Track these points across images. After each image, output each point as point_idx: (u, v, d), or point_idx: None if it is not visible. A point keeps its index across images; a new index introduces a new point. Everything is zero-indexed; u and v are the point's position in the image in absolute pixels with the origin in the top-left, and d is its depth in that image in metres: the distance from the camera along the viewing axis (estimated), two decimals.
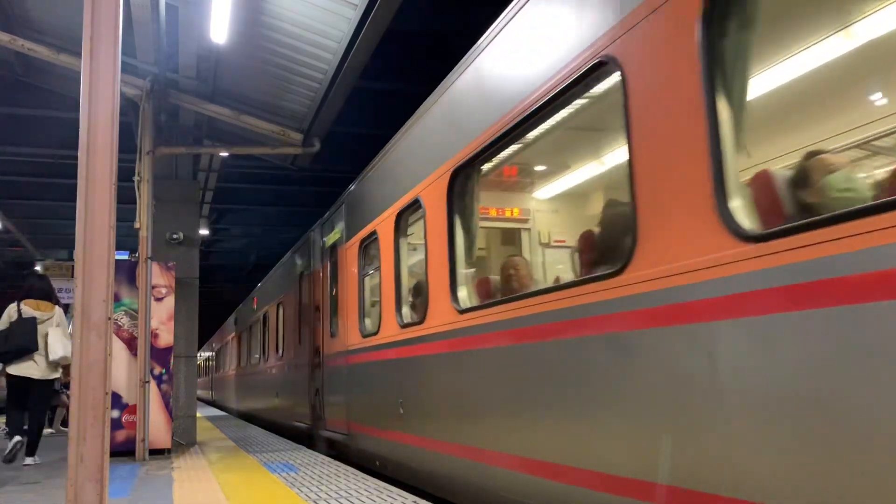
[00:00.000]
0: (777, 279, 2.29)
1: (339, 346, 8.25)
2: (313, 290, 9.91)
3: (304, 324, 10.53)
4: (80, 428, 3.33)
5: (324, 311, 9.16)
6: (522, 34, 4.21)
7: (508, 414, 4.24)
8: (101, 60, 3.55)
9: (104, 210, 3.48)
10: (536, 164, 6.94)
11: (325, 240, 9.32)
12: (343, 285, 8.22)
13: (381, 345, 6.65)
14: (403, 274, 6.34)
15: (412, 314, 6.16)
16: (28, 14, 8.27)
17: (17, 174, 14.87)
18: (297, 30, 7.42)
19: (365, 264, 7.55)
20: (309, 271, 10.33)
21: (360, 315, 7.48)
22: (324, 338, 9.07)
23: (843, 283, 2.06)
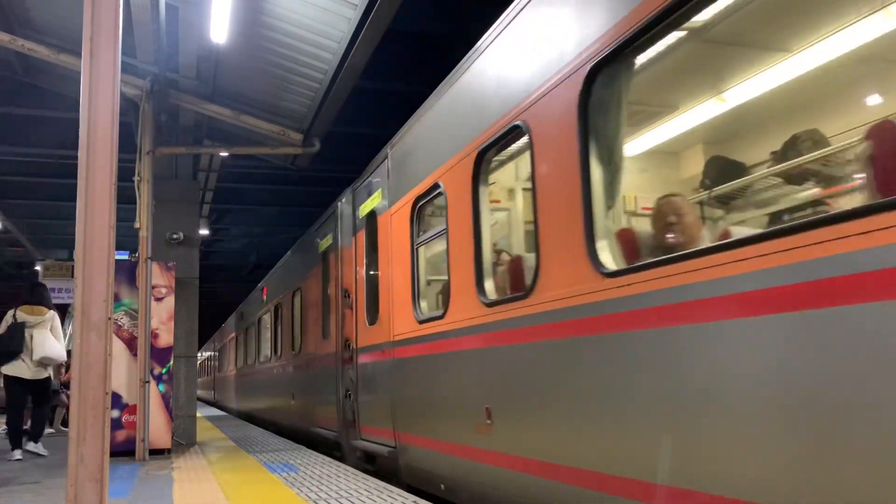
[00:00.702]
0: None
1: (379, 337, 6.75)
2: (341, 272, 8.35)
3: (328, 313, 8.92)
4: (80, 428, 3.33)
5: (357, 296, 7.64)
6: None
7: (695, 429, 2.80)
8: (101, 60, 3.55)
9: (104, 210, 3.48)
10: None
11: (360, 209, 7.72)
12: (386, 261, 6.63)
13: (450, 332, 5.13)
14: (486, 234, 4.75)
15: (506, 287, 4.74)
16: (28, 14, 8.27)
17: (17, 174, 14.87)
18: (297, 30, 7.42)
19: (420, 230, 5.97)
20: (335, 250, 8.70)
21: (414, 296, 5.88)
22: (357, 328, 7.55)
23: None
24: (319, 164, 10.91)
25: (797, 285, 2.39)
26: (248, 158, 12.58)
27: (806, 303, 2.36)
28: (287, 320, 12.14)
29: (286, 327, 12.23)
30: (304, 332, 10.58)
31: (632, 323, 3.17)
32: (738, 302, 2.62)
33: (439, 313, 5.35)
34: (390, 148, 6.80)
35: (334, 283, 8.56)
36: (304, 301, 10.77)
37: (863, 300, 2.18)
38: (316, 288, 9.83)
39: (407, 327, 6.03)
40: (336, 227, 8.75)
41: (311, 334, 10.10)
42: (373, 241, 7.23)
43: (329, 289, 8.93)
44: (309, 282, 10.42)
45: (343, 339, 8.08)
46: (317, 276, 9.78)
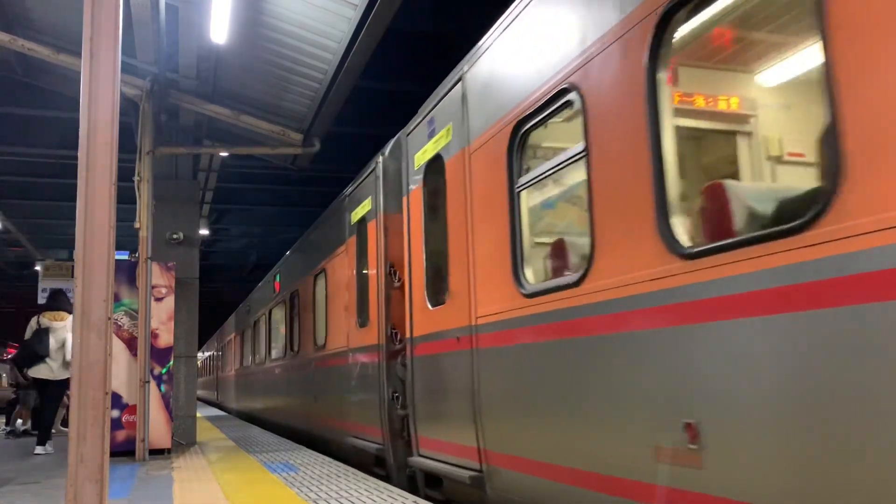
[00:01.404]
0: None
1: (449, 321, 5.12)
2: (384, 245, 6.72)
3: (365, 297, 7.32)
4: (80, 428, 3.33)
5: (412, 272, 5.92)
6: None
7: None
8: (101, 60, 3.55)
9: (104, 210, 3.48)
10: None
11: (414, 159, 6.06)
12: (461, 220, 4.97)
13: (596, 305, 3.47)
14: (671, 144, 3.09)
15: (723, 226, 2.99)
16: (28, 14, 8.28)
17: (17, 174, 14.88)
18: (297, 30, 7.42)
19: (523, 167, 4.31)
20: (376, 218, 6.99)
21: (516, 260, 4.24)
22: (412, 312, 5.88)
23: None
24: (319, 164, 10.92)
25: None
26: (248, 158, 12.60)
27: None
28: (307, 310, 10.44)
29: (306, 318, 10.48)
30: (331, 323, 8.87)
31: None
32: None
33: (571, 279, 3.64)
34: (467, 66, 5.08)
35: (375, 259, 6.91)
36: (329, 286, 9.06)
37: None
38: (346, 268, 8.12)
39: (501, 304, 4.35)
40: (376, 190, 6.98)
41: (339, 324, 8.33)
42: (436, 198, 5.62)
43: (366, 267, 7.30)
44: (335, 262, 8.72)
45: (388, 327, 6.57)
46: (347, 255, 8.10)
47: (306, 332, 10.41)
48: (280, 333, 13.08)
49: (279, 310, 13.16)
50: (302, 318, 10.82)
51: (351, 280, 7.89)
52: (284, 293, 12.38)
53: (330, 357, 8.84)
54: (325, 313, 9.22)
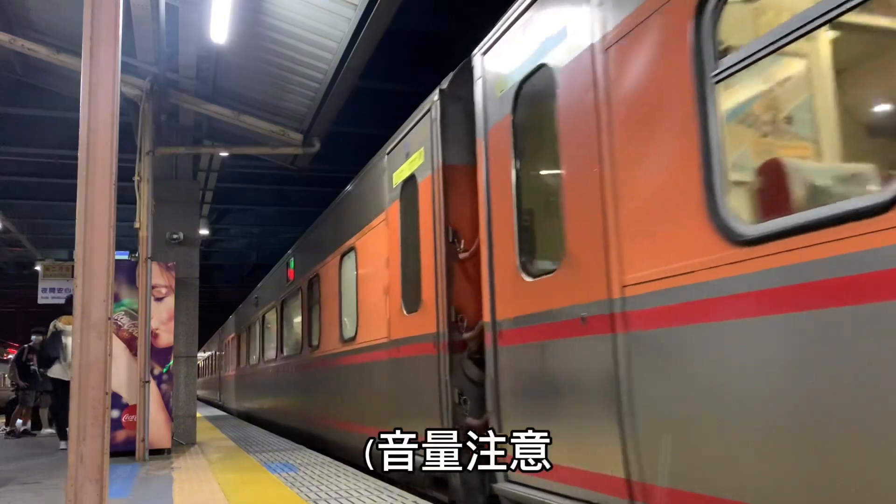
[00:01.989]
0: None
1: (564, 296, 3.71)
2: (443, 207, 5.34)
3: (414, 274, 5.89)
4: (80, 428, 3.33)
5: (493, 233, 4.56)
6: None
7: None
8: (101, 60, 3.55)
9: (104, 210, 3.48)
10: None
11: (498, 82, 4.58)
12: (591, 140, 3.50)
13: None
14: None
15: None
16: (28, 14, 8.28)
17: (17, 174, 14.88)
18: (297, 30, 7.42)
19: (719, 46, 2.80)
20: (433, 174, 5.54)
21: (713, 185, 2.75)
22: (492, 287, 4.53)
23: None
24: (319, 164, 10.91)
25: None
26: (248, 158, 12.60)
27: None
28: (330, 298, 8.90)
29: (329, 307, 8.97)
30: (364, 311, 7.41)
31: None
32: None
33: (868, 202, 2.16)
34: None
35: (430, 225, 5.54)
36: (360, 266, 7.62)
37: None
38: (385, 243, 6.67)
39: (678, 261, 2.89)
40: (432, 137, 5.53)
41: (376, 312, 6.90)
42: (532, 130, 4.39)
43: (416, 237, 5.86)
44: (370, 237, 7.23)
45: (451, 311, 5.19)
46: (387, 226, 6.63)
47: (329, 324, 8.90)
48: (294, 327, 11.84)
49: (294, 300, 11.69)
50: (324, 307, 9.27)
51: (393, 256, 6.38)
52: (300, 281, 10.91)
53: (363, 352, 7.32)
54: (355, 300, 7.66)
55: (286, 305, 12.48)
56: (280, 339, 12.87)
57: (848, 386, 2.24)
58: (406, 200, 6.19)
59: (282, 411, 12.64)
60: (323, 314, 9.33)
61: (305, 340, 10.42)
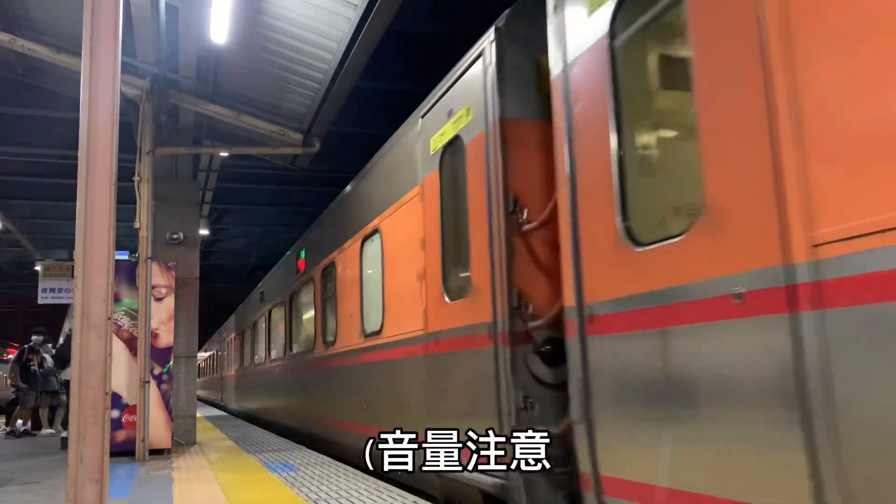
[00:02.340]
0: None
1: (709, 266, 2.75)
2: (502, 166, 4.43)
3: (460, 253, 5.09)
4: (80, 428, 3.33)
5: (579, 194, 3.64)
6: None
7: None
8: (101, 60, 3.55)
9: (104, 210, 3.48)
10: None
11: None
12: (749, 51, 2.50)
13: None
14: None
15: None
16: (28, 14, 8.28)
17: (17, 174, 14.88)
18: (297, 30, 7.43)
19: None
20: (485, 127, 4.63)
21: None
22: (577, 262, 3.65)
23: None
24: (319, 164, 10.92)
25: None
26: (248, 158, 12.60)
27: None
28: (349, 288, 8.00)
29: (347, 299, 8.03)
30: (391, 300, 6.52)
31: None
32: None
33: None
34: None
35: (483, 193, 4.64)
36: (386, 250, 6.70)
37: None
38: (417, 220, 5.78)
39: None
40: (486, 88, 4.61)
41: (408, 301, 5.98)
42: (645, 46, 3.47)
43: (462, 210, 5.06)
44: (398, 216, 6.36)
45: (513, 295, 4.30)
46: (422, 200, 5.70)
47: (348, 318, 7.91)
48: (305, 323, 10.92)
49: (305, 293, 10.73)
50: (342, 299, 8.27)
51: (431, 235, 5.49)
52: (312, 271, 9.96)
53: (391, 347, 6.41)
54: (380, 289, 6.71)
55: (296, 299, 11.42)
56: (289, 335, 11.80)
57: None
58: (448, 168, 5.28)
59: (289, 413, 11.73)
60: (340, 307, 8.29)
61: (319, 336, 9.36)
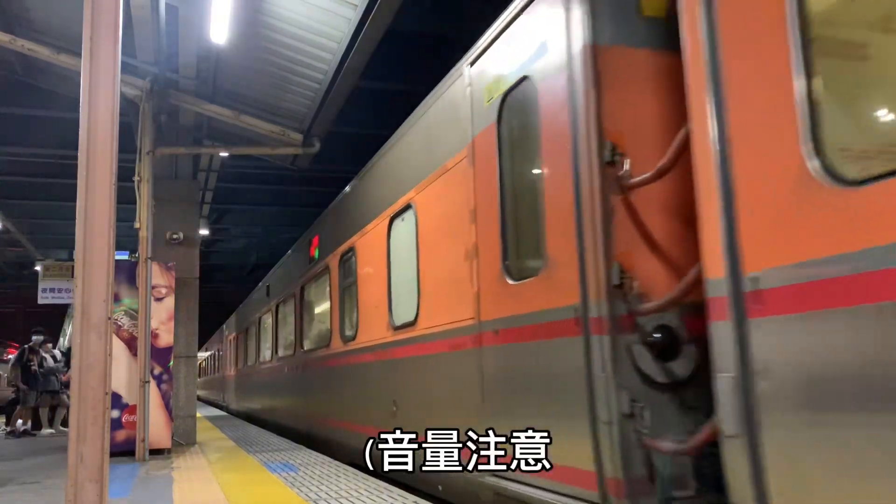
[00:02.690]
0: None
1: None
2: (595, 104, 3.50)
3: (531, 220, 4.19)
4: (80, 428, 3.33)
5: (738, 123, 2.61)
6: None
7: None
8: (101, 60, 3.55)
9: (104, 210, 3.48)
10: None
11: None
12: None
13: None
14: None
15: None
16: (28, 14, 8.28)
17: (17, 174, 14.89)
18: (296, 30, 7.43)
19: None
20: (567, 54, 3.68)
21: None
22: (736, 217, 2.59)
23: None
24: (319, 164, 10.92)
25: None
26: (248, 158, 12.60)
27: None
28: (372, 274, 7.05)
29: (371, 287, 7.06)
30: (428, 286, 5.60)
31: None
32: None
33: None
34: None
35: (565, 143, 3.67)
36: (422, 227, 5.76)
37: None
38: (465, 188, 4.86)
39: None
40: (568, 9, 3.70)
41: (451, 285, 5.10)
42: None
43: (532, 168, 4.21)
44: (438, 186, 5.42)
45: (613, 270, 3.39)
46: (472, 164, 4.77)
47: (372, 308, 6.96)
48: (318, 316, 10.11)
49: (318, 283, 9.80)
50: (364, 288, 7.34)
51: (486, 203, 4.56)
52: (328, 259, 8.92)
53: (429, 340, 5.51)
54: (414, 273, 5.79)
55: (308, 291, 10.47)
56: (300, 331, 10.75)
57: None
58: (511, 119, 4.40)
59: (298, 415, 10.83)
60: (362, 297, 7.33)
61: (336, 331, 8.35)
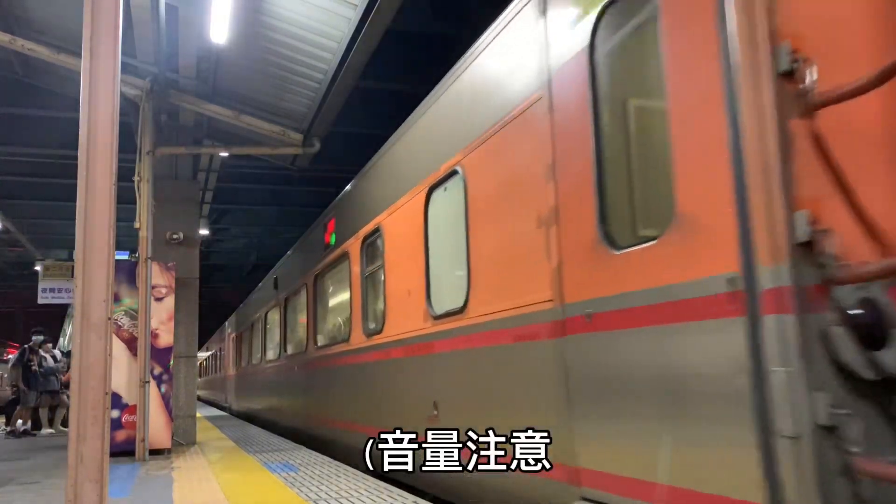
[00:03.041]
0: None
1: None
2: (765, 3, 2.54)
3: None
4: (80, 428, 3.33)
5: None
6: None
7: None
8: (101, 60, 3.55)
9: (104, 210, 3.48)
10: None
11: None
12: None
13: None
14: None
15: None
16: (28, 14, 8.27)
17: (17, 174, 14.88)
18: (296, 30, 7.42)
19: None
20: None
21: None
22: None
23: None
24: (319, 164, 10.92)
25: None
26: (248, 158, 12.60)
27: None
28: (404, 257, 6.10)
29: (402, 271, 6.13)
30: (481, 264, 4.69)
31: None
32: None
33: None
34: None
35: (706, 55, 2.73)
36: (473, 196, 4.83)
37: None
38: (534, 141, 4.03)
39: None
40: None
41: (514, 263, 4.26)
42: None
43: (651, 97, 3.34)
44: (497, 143, 4.53)
45: (798, 222, 2.42)
46: (551, 109, 3.88)
47: (403, 296, 6.03)
48: (333, 309, 9.33)
49: (335, 271, 8.91)
50: (392, 273, 6.42)
51: (572, 151, 3.64)
52: (348, 244, 7.94)
53: (485, 331, 4.56)
54: (463, 250, 4.84)
55: (321, 281, 9.61)
56: (312, 326, 9.78)
57: None
58: (611, 39, 3.45)
59: (308, 418, 9.98)
60: (391, 284, 6.44)
61: (356, 324, 7.43)
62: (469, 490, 4.69)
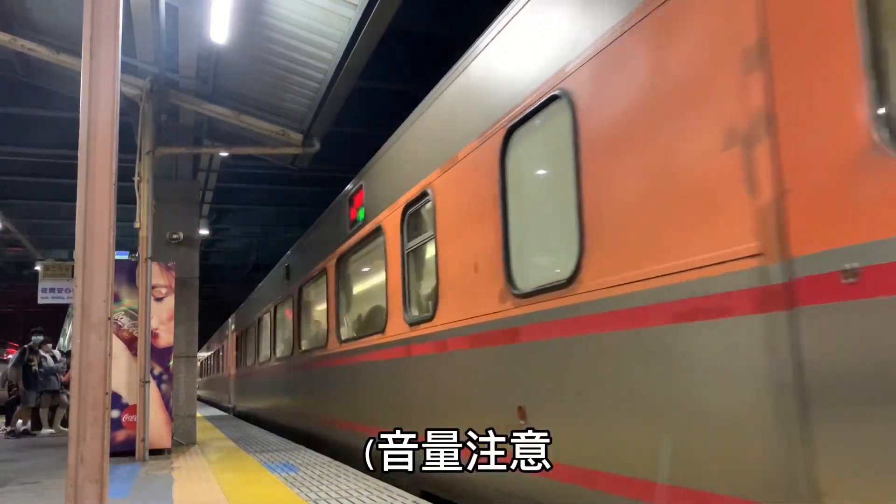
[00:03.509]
0: None
1: None
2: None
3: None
4: (80, 428, 3.33)
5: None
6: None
7: None
8: (101, 60, 3.54)
9: (104, 210, 3.48)
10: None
11: None
12: None
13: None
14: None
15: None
16: (28, 14, 8.27)
17: (17, 174, 14.89)
18: (296, 30, 7.43)
19: None
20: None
21: None
22: None
23: None
24: (319, 164, 10.91)
25: None
26: (248, 158, 12.60)
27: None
28: (467, 222, 4.89)
29: (466, 239, 4.88)
30: (605, 215, 3.38)
31: None
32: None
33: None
34: None
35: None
36: (585, 125, 3.52)
37: None
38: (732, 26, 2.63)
39: None
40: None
41: (673, 207, 2.91)
42: None
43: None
44: (625, 45, 3.23)
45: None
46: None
47: (467, 271, 4.80)
48: (358, 297, 8.42)
49: (363, 253, 7.79)
50: (448, 243, 5.19)
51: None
52: (380, 215, 6.77)
53: (618, 308, 3.25)
54: (572, 196, 3.61)
55: (344, 265, 8.40)
56: (335, 317, 8.44)
57: None
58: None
59: (328, 421, 8.82)
60: (444, 257, 5.23)
61: (394, 311, 6.21)
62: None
